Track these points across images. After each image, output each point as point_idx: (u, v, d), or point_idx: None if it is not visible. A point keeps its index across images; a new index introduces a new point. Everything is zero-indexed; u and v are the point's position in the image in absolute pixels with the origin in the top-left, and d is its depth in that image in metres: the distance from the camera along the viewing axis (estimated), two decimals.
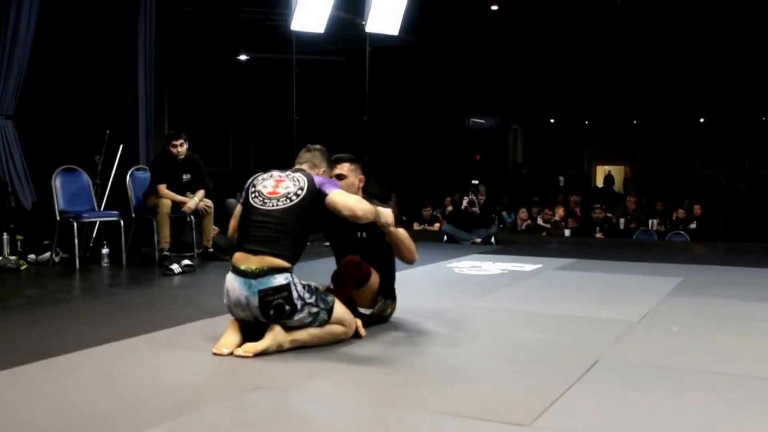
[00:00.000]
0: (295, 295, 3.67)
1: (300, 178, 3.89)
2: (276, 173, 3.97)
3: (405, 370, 3.55)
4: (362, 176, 4.45)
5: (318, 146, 4.20)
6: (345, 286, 4.06)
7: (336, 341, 3.86)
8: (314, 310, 3.75)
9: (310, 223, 3.88)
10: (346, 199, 3.83)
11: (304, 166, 4.06)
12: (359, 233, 4.34)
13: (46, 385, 3.20)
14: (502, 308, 5.09)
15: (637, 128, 27.78)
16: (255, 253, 3.69)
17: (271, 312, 3.66)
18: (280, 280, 3.64)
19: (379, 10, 9.78)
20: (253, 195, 3.88)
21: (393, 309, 4.47)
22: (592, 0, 15.23)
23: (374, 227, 4.06)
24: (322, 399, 3.11)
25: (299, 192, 3.81)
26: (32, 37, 7.77)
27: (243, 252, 3.74)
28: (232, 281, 3.73)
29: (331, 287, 4.09)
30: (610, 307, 5.06)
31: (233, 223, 4.14)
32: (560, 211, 12.42)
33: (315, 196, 3.82)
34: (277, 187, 3.86)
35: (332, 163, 4.31)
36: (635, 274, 6.70)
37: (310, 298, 3.74)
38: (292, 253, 3.75)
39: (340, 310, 3.90)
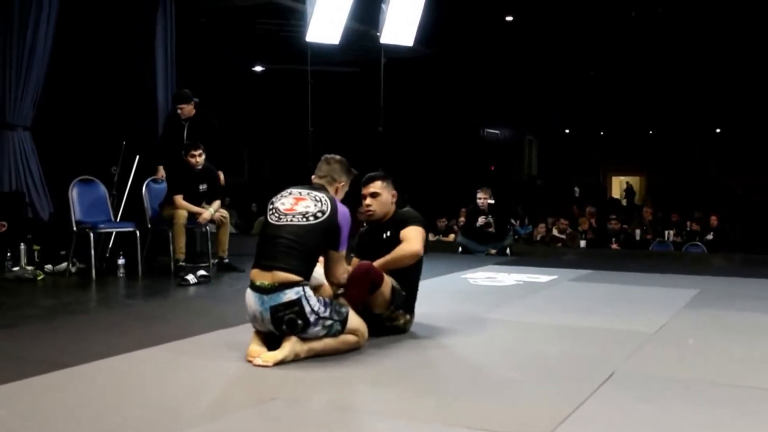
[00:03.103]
0: (307, 309, 3.67)
1: (324, 201, 3.88)
2: (295, 191, 3.97)
3: (419, 381, 3.54)
4: (395, 192, 4.56)
5: (337, 157, 4.20)
6: (358, 291, 4.07)
7: (350, 350, 3.88)
8: (328, 322, 3.76)
9: (322, 245, 3.90)
10: (339, 266, 3.97)
11: (324, 182, 4.07)
12: (384, 234, 4.45)
13: (63, 396, 3.21)
14: (517, 320, 5.07)
15: (653, 139, 27.69)
16: (268, 268, 3.72)
17: (284, 327, 3.68)
18: (290, 295, 3.66)
19: (394, 21, 9.81)
20: (270, 212, 3.93)
21: (409, 321, 4.47)
22: (607, 11, 15.22)
23: (399, 229, 4.38)
24: (337, 410, 3.10)
25: (319, 215, 3.83)
26: (50, 49, 7.85)
27: (258, 268, 3.78)
28: (249, 296, 3.77)
29: (343, 291, 4.10)
30: (625, 319, 5.03)
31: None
32: (584, 224, 12.34)
33: (333, 227, 3.86)
34: (296, 205, 3.88)
35: (365, 183, 4.48)
36: (651, 285, 6.66)
37: (324, 311, 3.74)
38: (305, 268, 3.77)
39: (354, 320, 3.91)
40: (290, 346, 3.67)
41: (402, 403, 3.18)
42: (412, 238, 4.35)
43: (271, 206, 3.95)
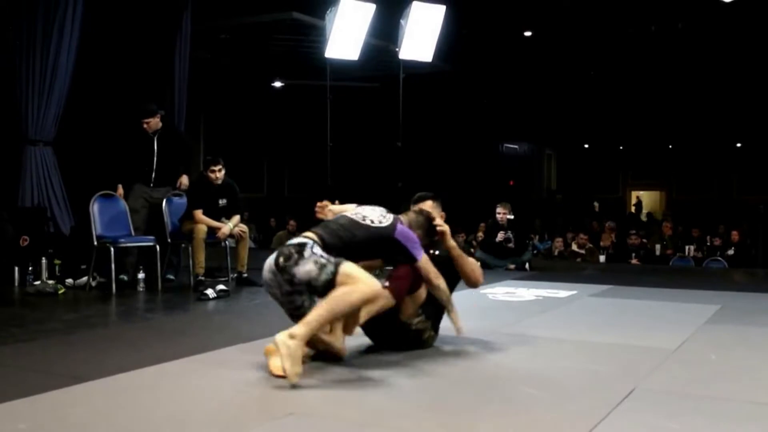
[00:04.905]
0: (307, 252, 3.77)
1: (387, 218, 4.10)
2: (368, 208, 4.22)
3: (437, 397, 3.52)
4: (443, 213, 4.69)
5: (425, 214, 4.36)
6: (400, 284, 4.09)
7: (359, 302, 3.74)
8: (322, 260, 3.75)
9: (371, 248, 4.03)
10: (430, 269, 4.16)
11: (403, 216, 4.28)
12: (432, 251, 4.47)
13: (82, 410, 3.22)
14: (537, 335, 5.03)
15: (673, 153, 27.52)
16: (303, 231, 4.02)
17: (280, 259, 3.77)
18: (300, 240, 3.86)
19: (413, 37, 9.84)
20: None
21: (432, 338, 4.48)
22: (627, 25, 15.20)
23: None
24: (352, 426, 3.09)
25: (377, 223, 4.04)
26: (72, 67, 7.93)
27: None
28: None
29: (386, 284, 4.09)
30: (646, 335, 4.99)
31: None
32: (607, 239, 12.28)
33: (387, 239, 4.03)
34: (361, 213, 4.12)
35: (416, 201, 4.68)
36: (672, 301, 6.61)
37: (322, 257, 3.78)
38: (331, 241, 3.88)
39: (352, 267, 3.80)
40: (282, 344, 3.49)
41: (418, 419, 3.17)
42: (480, 271, 4.62)
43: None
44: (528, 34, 16.15)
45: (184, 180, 7.79)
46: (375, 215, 4.08)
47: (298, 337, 3.54)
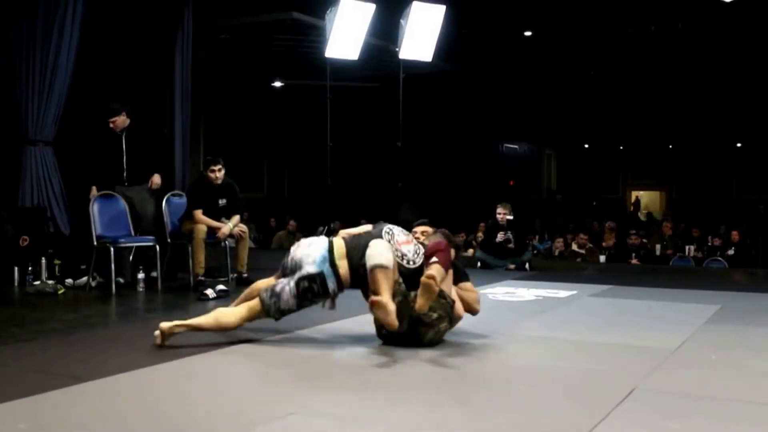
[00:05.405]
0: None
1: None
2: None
3: (436, 395, 3.53)
4: (446, 242, 4.82)
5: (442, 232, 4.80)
6: (443, 257, 4.37)
7: (235, 325, 4.42)
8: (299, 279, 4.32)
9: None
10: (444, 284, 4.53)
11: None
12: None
13: (83, 410, 3.22)
14: (537, 335, 5.04)
15: (673, 153, 27.51)
16: None
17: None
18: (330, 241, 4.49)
19: (413, 36, 9.85)
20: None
21: (444, 332, 4.51)
22: (627, 25, 15.20)
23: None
24: (352, 426, 3.09)
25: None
26: (72, 66, 7.92)
27: None
28: None
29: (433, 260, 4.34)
30: (646, 335, 4.99)
31: None
32: (609, 240, 12.30)
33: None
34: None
35: (418, 224, 5.06)
36: (672, 301, 6.61)
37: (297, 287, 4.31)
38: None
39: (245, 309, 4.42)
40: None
41: (418, 419, 3.17)
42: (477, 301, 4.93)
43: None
44: (528, 34, 16.16)
45: (156, 179, 7.75)
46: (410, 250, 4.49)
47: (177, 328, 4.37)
